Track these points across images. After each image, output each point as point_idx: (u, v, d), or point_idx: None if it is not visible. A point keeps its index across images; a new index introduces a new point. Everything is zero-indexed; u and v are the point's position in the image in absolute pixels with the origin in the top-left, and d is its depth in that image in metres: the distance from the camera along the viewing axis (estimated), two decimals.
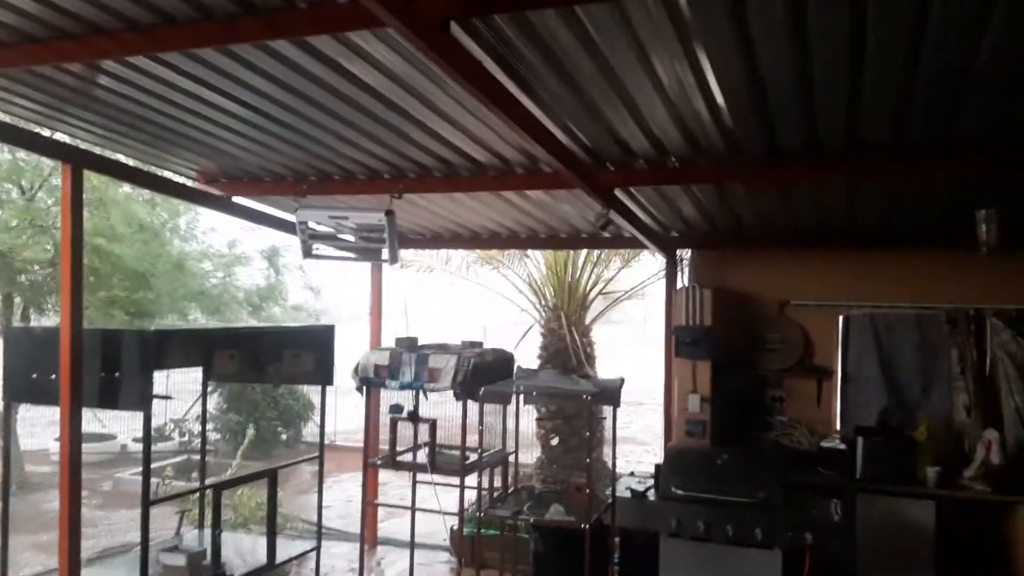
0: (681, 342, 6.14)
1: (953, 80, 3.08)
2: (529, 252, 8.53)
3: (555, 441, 8.21)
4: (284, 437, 12.19)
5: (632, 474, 5.79)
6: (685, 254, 6.82)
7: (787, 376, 6.38)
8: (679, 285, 6.62)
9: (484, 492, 5.61)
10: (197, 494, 5.86)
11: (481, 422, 5.20)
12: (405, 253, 8.77)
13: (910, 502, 5.33)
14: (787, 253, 6.37)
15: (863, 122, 3.61)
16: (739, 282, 6.51)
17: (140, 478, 4.63)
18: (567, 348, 8.37)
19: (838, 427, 6.16)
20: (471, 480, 5.46)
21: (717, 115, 3.60)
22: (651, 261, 8.54)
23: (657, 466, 5.33)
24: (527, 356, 8.19)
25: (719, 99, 3.38)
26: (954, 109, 3.39)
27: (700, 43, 2.85)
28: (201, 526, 5.81)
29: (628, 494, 5.12)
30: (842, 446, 5.75)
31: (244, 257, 11.38)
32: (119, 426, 11.59)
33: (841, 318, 6.23)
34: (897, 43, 2.76)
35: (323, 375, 5.96)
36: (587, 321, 8.75)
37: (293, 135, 4.45)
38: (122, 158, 5.18)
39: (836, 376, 6.24)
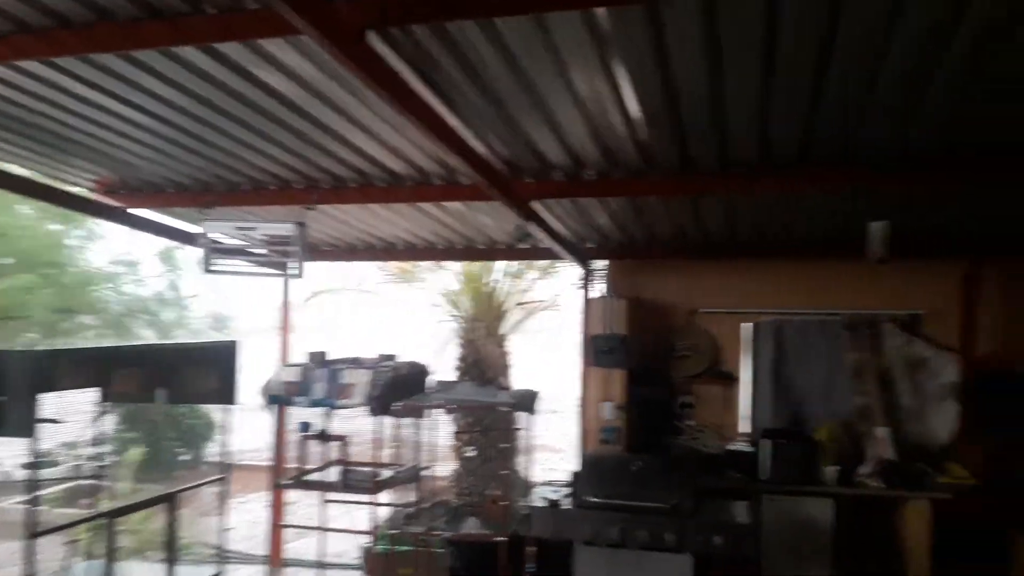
0: (597, 351, 6.23)
1: (855, 101, 3.24)
2: (446, 263, 8.47)
3: (471, 453, 8.16)
4: (185, 458, 11.65)
5: (549, 483, 5.82)
6: (601, 264, 6.93)
7: (696, 382, 6.57)
8: (594, 295, 6.72)
9: (398, 508, 5.51)
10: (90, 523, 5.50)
11: (396, 437, 5.11)
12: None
13: (811, 500, 5.55)
14: (697, 263, 6.58)
15: (771, 138, 3.76)
16: (652, 292, 6.68)
17: (24, 507, 4.31)
18: (484, 359, 8.35)
19: (746, 430, 6.38)
20: (385, 497, 5.35)
21: (632, 129, 3.67)
22: (567, 271, 8.62)
23: (573, 474, 5.37)
24: (445, 368, 8.13)
25: (635, 113, 3.45)
26: (855, 129, 3.57)
27: (618, 58, 2.89)
28: (94, 556, 5.45)
29: (544, 504, 5.14)
30: (748, 449, 5.95)
31: (136, 263, 10.84)
32: (1, 451, 10.78)
33: (748, 325, 6.47)
34: (805, 63, 2.88)
35: (226, 394, 5.72)
36: (505, 332, 8.75)
37: (199, 144, 4.26)
38: (12, 168, 4.83)
39: (743, 381, 6.47)
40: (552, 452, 11.95)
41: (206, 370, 5.64)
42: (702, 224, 5.73)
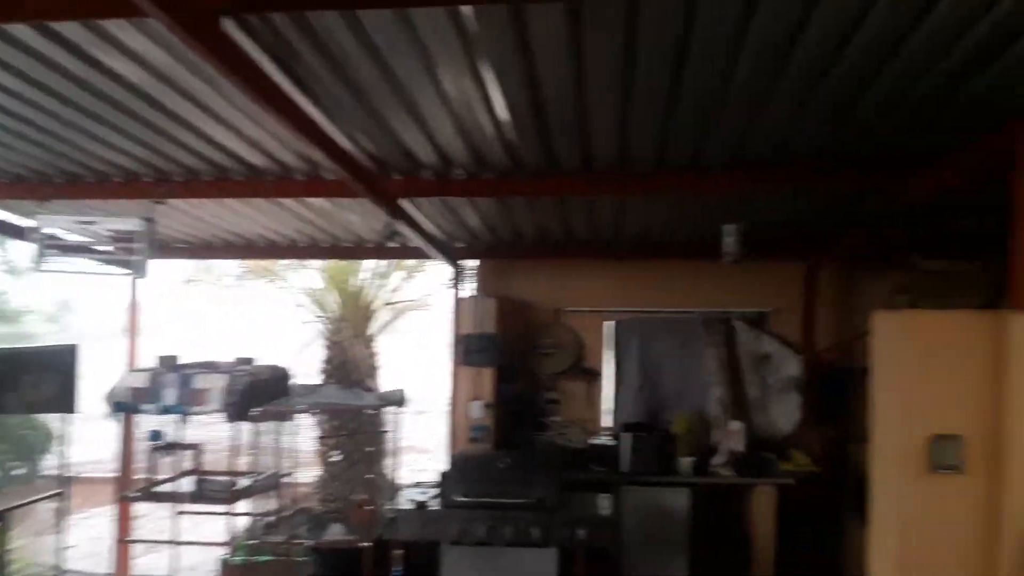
0: (467, 350, 6.27)
1: (705, 109, 3.41)
2: (311, 262, 8.21)
3: (336, 458, 7.97)
4: (19, 473, 10.66)
5: (417, 485, 5.77)
6: (471, 264, 6.95)
7: (561, 379, 6.75)
8: (464, 294, 6.74)
9: (257, 517, 5.30)
10: None
11: (255, 444, 4.90)
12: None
13: (669, 491, 5.80)
14: (563, 263, 6.76)
15: (631, 142, 3.89)
16: (519, 291, 6.80)
17: None
18: (351, 361, 8.16)
19: (609, 424, 6.60)
20: (244, 506, 5.13)
21: (500, 130, 3.70)
22: (437, 271, 8.59)
23: (442, 474, 5.35)
24: (310, 370, 7.88)
25: (502, 113, 3.47)
26: (706, 135, 3.76)
27: (485, 58, 2.90)
28: None
29: (411, 506, 5.08)
30: (610, 442, 6.15)
31: None
32: None
33: (611, 323, 6.70)
34: (661, 69, 2.99)
35: (66, 402, 5.28)
36: (372, 332, 8.59)
37: (33, 132, 3.89)
38: None
39: (605, 377, 6.69)
40: (421, 453, 11.89)
41: (42, 376, 5.20)
42: (567, 225, 5.86)
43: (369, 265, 8.39)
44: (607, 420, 6.68)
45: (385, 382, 8.24)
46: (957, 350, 3.06)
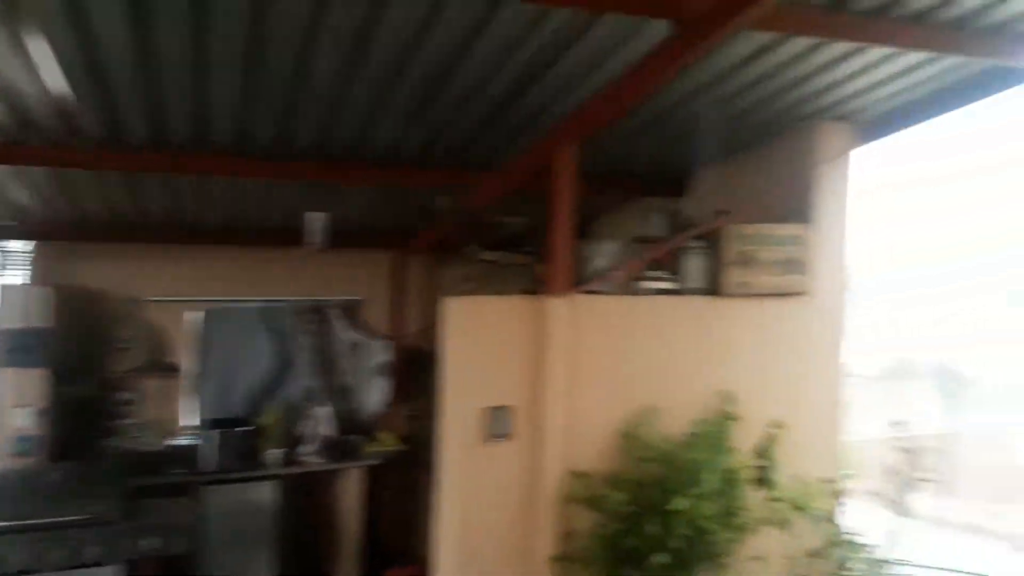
0: (12, 348, 5.31)
1: (286, 95, 3.36)
2: None
3: None
4: None
5: None
6: (20, 246, 5.91)
7: (139, 376, 6.12)
8: (9, 282, 5.71)
9: None
10: None
11: None
12: None
13: (254, 486, 5.61)
14: (140, 248, 6.13)
15: (210, 121, 3.67)
16: (87, 278, 5.99)
17: None
18: None
19: (193, 423, 6.16)
20: None
21: (48, 93, 3.19)
22: None
23: None
24: None
25: (50, 75, 3.00)
26: (289, 121, 3.71)
27: (23, 9, 2.47)
28: None
29: None
30: (190, 442, 5.76)
31: None
32: None
33: (198, 313, 6.27)
34: (236, 46, 2.86)
35: None
36: None
37: None
38: None
39: (189, 372, 6.24)
40: None
41: None
42: (142, 206, 5.33)
43: None
44: (192, 418, 6.22)
45: None
46: (507, 330, 3.51)
